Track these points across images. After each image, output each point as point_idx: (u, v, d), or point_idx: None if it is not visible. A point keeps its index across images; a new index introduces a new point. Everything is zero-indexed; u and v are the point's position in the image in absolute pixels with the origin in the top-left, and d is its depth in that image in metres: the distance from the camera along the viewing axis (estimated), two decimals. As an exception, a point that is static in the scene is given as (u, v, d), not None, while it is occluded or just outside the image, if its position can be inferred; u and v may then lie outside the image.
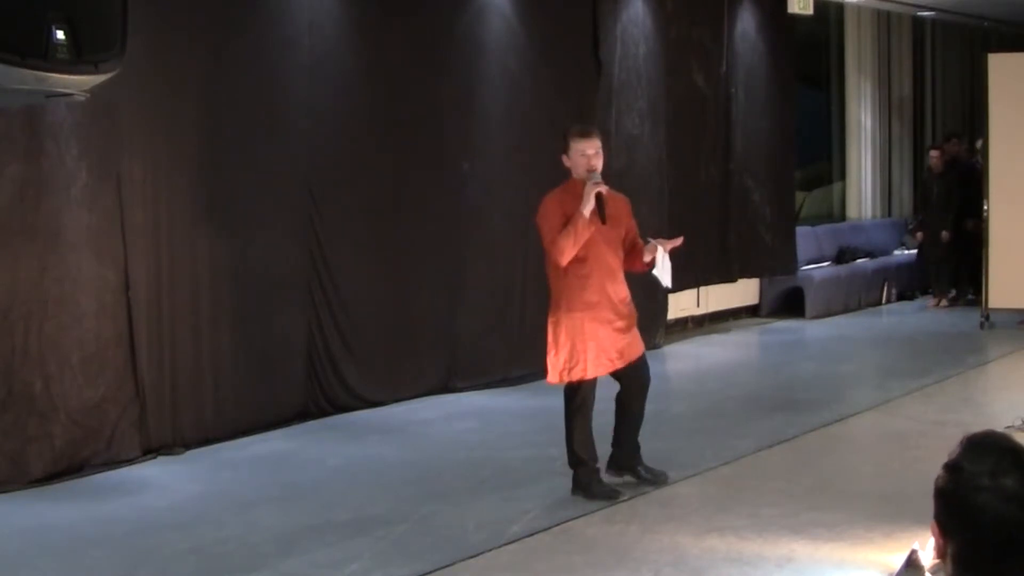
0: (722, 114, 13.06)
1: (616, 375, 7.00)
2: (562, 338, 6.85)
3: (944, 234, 14.62)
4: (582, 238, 6.73)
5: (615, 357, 6.90)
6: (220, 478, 7.52)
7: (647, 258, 6.99)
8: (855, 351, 12.40)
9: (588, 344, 6.83)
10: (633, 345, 7.00)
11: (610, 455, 7.14)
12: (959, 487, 2.05)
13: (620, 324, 6.92)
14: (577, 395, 6.92)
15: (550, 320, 6.92)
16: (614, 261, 6.92)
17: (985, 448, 2.07)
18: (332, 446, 8.24)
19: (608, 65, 11.21)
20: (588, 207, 6.74)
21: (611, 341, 6.88)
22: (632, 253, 7.04)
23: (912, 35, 17.36)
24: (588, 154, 6.85)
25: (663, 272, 7.01)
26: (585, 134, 7.00)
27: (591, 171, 6.82)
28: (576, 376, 6.86)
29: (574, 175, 6.90)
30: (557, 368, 6.89)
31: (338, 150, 9.01)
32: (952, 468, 2.08)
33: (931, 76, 18.18)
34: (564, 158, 6.94)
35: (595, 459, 7.00)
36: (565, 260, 6.75)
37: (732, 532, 6.29)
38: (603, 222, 6.82)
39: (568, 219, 6.75)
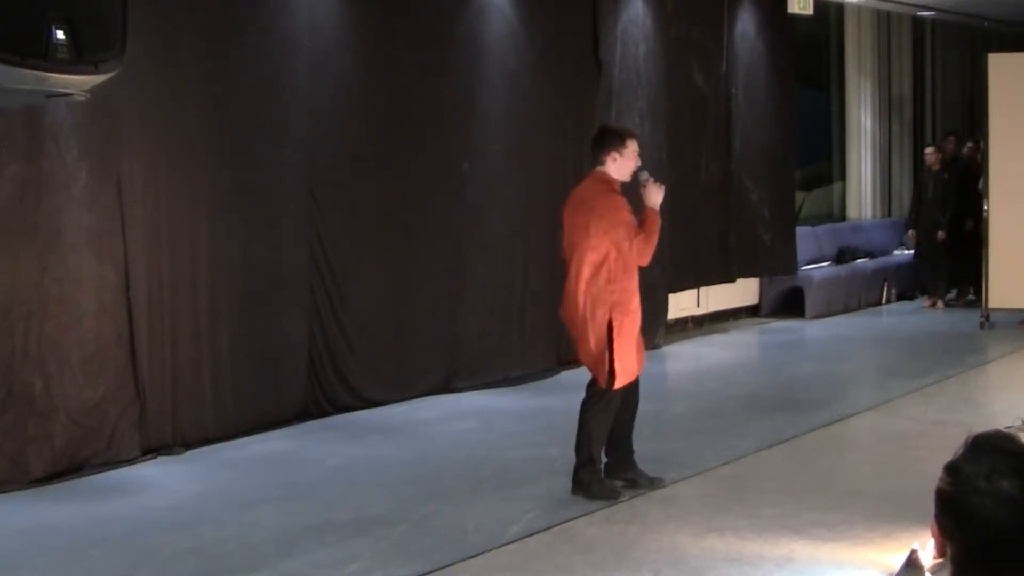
0: (722, 114, 13.06)
1: None
2: (623, 343, 6.83)
3: (940, 234, 14.62)
4: (657, 236, 6.92)
5: (642, 353, 7.02)
6: (220, 478, 7.51)
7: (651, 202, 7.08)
8: (855, 351, 12.40)
9: (639, 347, 6.94)
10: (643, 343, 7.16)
11: (604, 463, 7.10)
12: (956, 489, 2.04)
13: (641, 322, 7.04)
14: (606, 394, 6.89)
15: (613, 324, 6.80)
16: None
17: (985, 450, 2.06)
18: (332, 446, 8.24)
19: (608, 65, 11.21)
20: (658, 204, 6.90)
21: (641, 339, 7.02)
22: None
23: (912, 35, 17.37)
24: (637, 154, 6.96)
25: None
26: (636, 134, 7.25)
27: (638, 170, 6.95)
28: (631, 379, 6.90)
29: (616, 175, 6.91)
30: (624, 373, 6.84)
31: (339, 150, 9.01)
32: (951, 469, 2.07)
33: (931, 76, 18.19)
34: (614, 155, 6.89)
35: (600, 460, 7.00)
36: (648, 261, 6.89)
37: (732, 532, 6.29)
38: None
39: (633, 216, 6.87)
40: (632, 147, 6.91)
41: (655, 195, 6.91)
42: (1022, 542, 1.98)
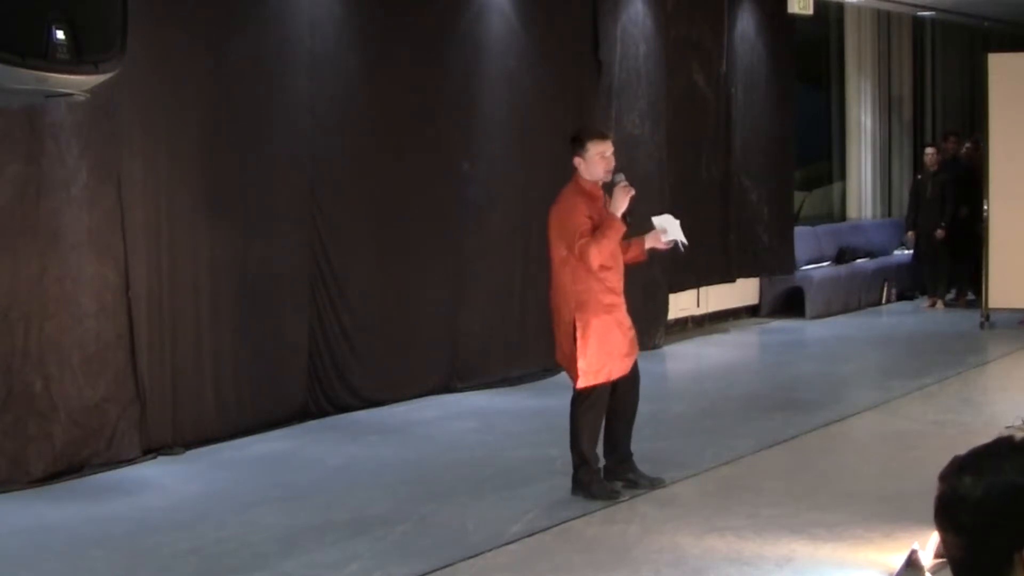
0: (722, 114, 13.06)
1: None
2: (591, 342, 6.80)
3: (939, 232, 14.60)
4: (615, 241, 6.77)
5: (629, 357, 6.94)
6: (220, 478, 7.51)
7: (648, 246, 7.05)
8: (855, 351, 12.39)
9: (614, 347, 6.85)
10: (637, 346, 7.07)
11: (603, 465, 7.08)
12: (946, 496, 2.04)
13: (629, 323, 6.98)
14: (592, 394, 6.89)
15: (577, 324, 6.80)
16: (622, 262, 6.96)
17: (972, 456, 2.06)
18: (332, 446, 8.24)
19: (608, 65, 11.21)
20: (621, 209, 6.78)
21: (627, 341, 6.94)
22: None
23: (912, 35, 17.37)
24: (607, 156, 6.85)
25: (676, 234, 7.05)
26: (603, 136, 7.03)
27: (613, 172, 6.85)
28: (603, 379, 6.85)
29: (587, 176, 6.87)
30: (588, 373, 6.83)
31: (339, 150, 9.01)
32: (943, 478, 2.07)
33: (931, 76, 18.18)
34: (578, 160, 6.87)
35: (597, 459, 7.00)
36: (598, 264, 6.75)
37: (732, 532, 6.29)
38: (628, 224, 6.85)
39: (591, 219, 6.76)
40: (595, 149, 6.83)
41: (618, 200, 6.78)
42: (1001, 547, 1.97)
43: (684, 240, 7.10)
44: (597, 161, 6.84)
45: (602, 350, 6.82)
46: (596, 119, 10.62)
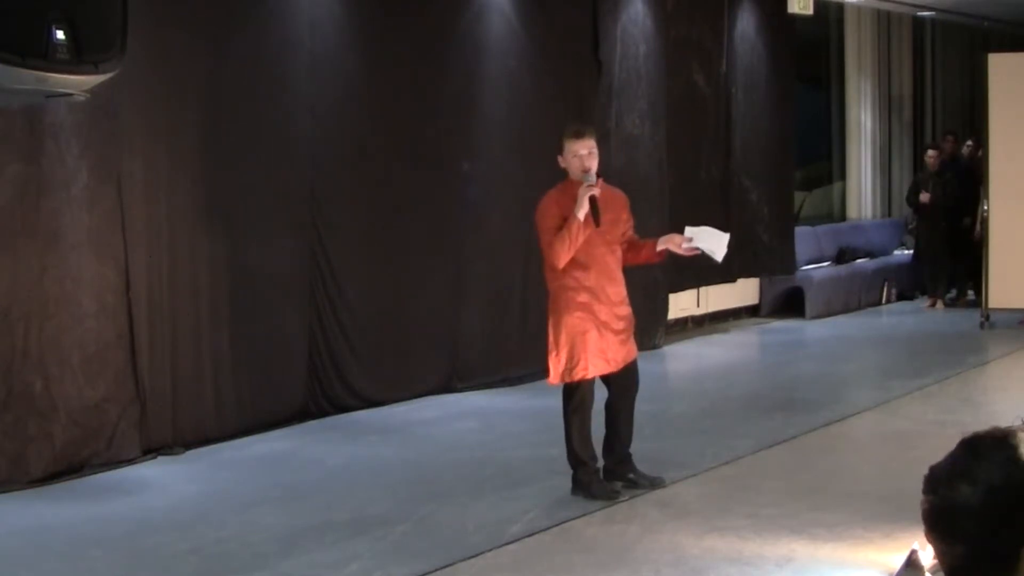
0: (722, 114, 13.07)
1: (606, 379, 6.98)
2: (562, 339, 6.84)
3: (923, 195, 14.47)
4: (577, 242, 6.74)
5: (612, 358, 6.90)
6: (220, 478, 7.52)
7: (660, 247, 7.02)
8: (855, 351, 12.40)
9: (588, 345, 6.82)
10: (628, 347, 7.01)
11: (602, 466, 7.08)
12: (932, 505, 2.04)
13: (618, 326, 6.92)
14: (576, 395, 6.91)
15: (550, 321, 6.91)
16: (612, 262, 6.92)
17: (950, 461, 2.06)
18: (332, 446, 8.24)
19: (608, 65, 11.21)
20: (582, 211, 6.73)
21: (609, 342, 6.87)
22: (629, 249, 7.04)
23: (912, 35, 17.37)
24: (581, 155, 6.81)
25: (712, 246, 7.01)
26: (578, 134, 6.95)
27: (585, 172, 6.81)
28: (576, 376, 6.85)
29: (571, 175, 6.90)
30: (558, 369, 6.87)
31: (339, 150, 9.01)
32: (926, 484, 2.07)
33: (931, 76, 18.19)
34: (560, 159, 6.93)
35: (595, 459, 6.99)
36: (561, 263, 6.76)
37: (732, 532, 6.29)
38: (597, 225, 6.81)
39: (565, 219, 6.75)
40: (571, 148, 6.82)
41: (579, 199, 6.73)
42: (998, 548, 1.97)
43: (719, 256, 7.06)
44: (572, 161, 6.85)
45: (575, 348, 6.81)
46: (596, 119, 10.62)
